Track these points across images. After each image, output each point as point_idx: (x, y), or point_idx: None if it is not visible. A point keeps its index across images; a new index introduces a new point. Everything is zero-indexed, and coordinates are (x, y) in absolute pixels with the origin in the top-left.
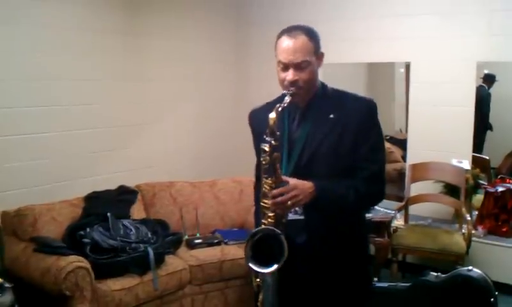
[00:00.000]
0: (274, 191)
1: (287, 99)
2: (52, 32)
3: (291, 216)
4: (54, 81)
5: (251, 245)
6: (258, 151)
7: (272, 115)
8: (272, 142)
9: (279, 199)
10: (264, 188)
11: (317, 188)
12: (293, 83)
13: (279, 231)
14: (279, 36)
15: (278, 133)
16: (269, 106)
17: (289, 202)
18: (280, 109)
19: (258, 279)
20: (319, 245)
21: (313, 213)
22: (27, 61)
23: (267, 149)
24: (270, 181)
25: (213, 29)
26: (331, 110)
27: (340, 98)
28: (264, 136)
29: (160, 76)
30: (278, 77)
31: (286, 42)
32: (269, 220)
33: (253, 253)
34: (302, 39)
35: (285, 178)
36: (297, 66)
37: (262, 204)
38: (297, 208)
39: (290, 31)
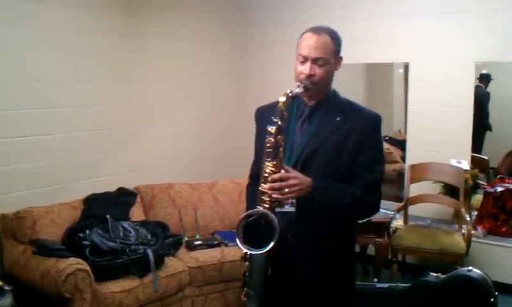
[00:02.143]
0: (274, 176)
1: (299, 90)
2: (51, 34)
3: (281, 209)
4: (52, 83)
5: (243, 225)
6: (257, 150)
7: (282, 98)
8: (279, 123)
9: (277, 184)
10: (264, 173)
11: (315, 186)
12: (309, 77)
13: (272, 214)
14: (303, 33)
15: (285, 114)
16: (276, 106)
17: (287, 189)
18: (290, 94)
19: (246, 263)
20: (307, 238)
21: (305, 207)
22: (26, 63)
23: (272, 131)
24: (271, 165)
25: (214, 30)
26: (339, 113)
27: (349, 106)
28: (272, 117)
29: (159, 77)
30: (294, 71)
31: (309, 37)
32: (265, 205)
33: (244, 235)
34: (325, 37)
35: (286, 167)
36: (315, 62)
37: (260, 188)
38: (292, 200)
39: (315, 29)
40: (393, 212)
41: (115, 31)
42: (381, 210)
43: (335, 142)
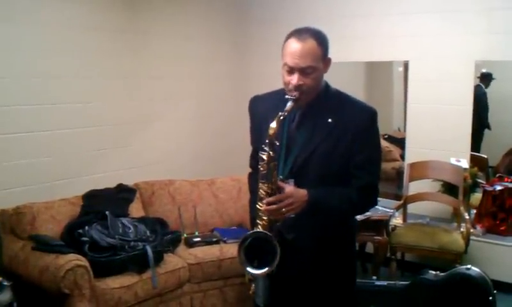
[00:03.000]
0: (269, 198)
1: (289, 105)
2: (52, 30)
3: None
4: (53, 79)
5: (244, 249)
6: (253, 139)
7: (273, 125)
8: (271, 153)
9: (273, 206)
10: (260, 193)
11: (310, 198)
12: (297, 87)
13: (271, 236)
14: (287, 38)
15: (277, 143)
16: (272, 96)
17: (283, 209)
18: (281, 118)
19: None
20: (307, 241)
21: (303, 212)
22: (26, 59)
23: (264, 158)
24: (266, 187)
25: (213, 27)
26: (331, 113)
27: (342, 102)
28: (263, 145)
29: (159, 74)
30: (282, 79)
31: (294, 45)
32: (264, 223)
33: (246, 252)
34: (311, 43)
35: (281, 184)
36: (303, 71)
37: (257, 206)
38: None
39: (299, 33)
40: (392, 210)
41: (116, 28)
42: (380, 208)
43: (327, 148)
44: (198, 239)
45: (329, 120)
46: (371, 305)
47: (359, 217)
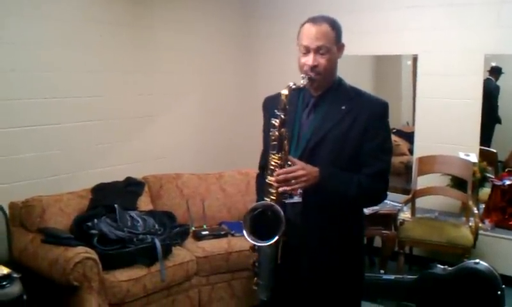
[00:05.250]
0: (280, 170)
1: (303, 81)
2: (60, 24)
3: (289, 200)
4: (60, 73)
5: (250, 218)
6: (265, 140)
7: (285, 91)
8: (282, 116)
9: (283, 176)
10: (270, 165)
11: (322, 175)
12: (312, 68)
13: (277, 206)
14: (303, 24)
15: (287, 107)
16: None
17: (293, 180)
18: (293, 87)
19: (255, 253)
20: (314, 229)
21: (311, 197)
22: (34, 53)
23: (276, 123)
24: (277, 158)
25: (220, 22)
26: (344, 102)
27: (355, 93)
28: (275, 111)
29: (167, 69)
30: (298, 62)
31: (309, 27)
32: (272, 197)
33: (251, 227)
34: (324, 26)
35: (291, 158)
36: (318, 51)
37: (266, 180)
38: (300, 191)
39: (314, 19)
40: (400, 204)
41: (122, 22)
42: (389, 202)
43: (340, 132)
44: (206, 232)
45: (343, 107)
46: (378, 299)
47: (367, 211)
